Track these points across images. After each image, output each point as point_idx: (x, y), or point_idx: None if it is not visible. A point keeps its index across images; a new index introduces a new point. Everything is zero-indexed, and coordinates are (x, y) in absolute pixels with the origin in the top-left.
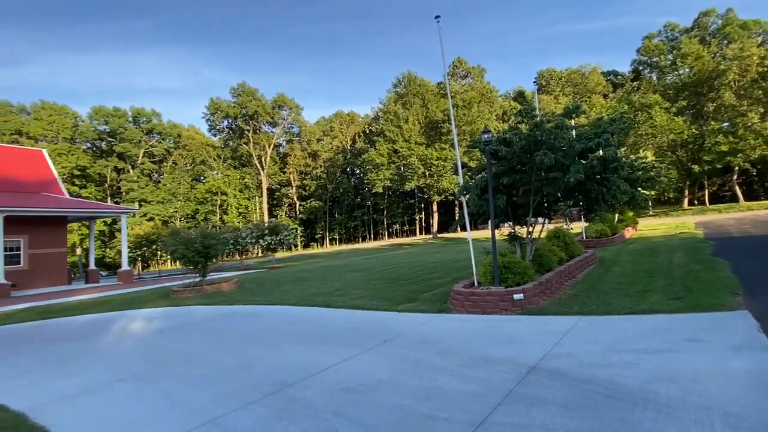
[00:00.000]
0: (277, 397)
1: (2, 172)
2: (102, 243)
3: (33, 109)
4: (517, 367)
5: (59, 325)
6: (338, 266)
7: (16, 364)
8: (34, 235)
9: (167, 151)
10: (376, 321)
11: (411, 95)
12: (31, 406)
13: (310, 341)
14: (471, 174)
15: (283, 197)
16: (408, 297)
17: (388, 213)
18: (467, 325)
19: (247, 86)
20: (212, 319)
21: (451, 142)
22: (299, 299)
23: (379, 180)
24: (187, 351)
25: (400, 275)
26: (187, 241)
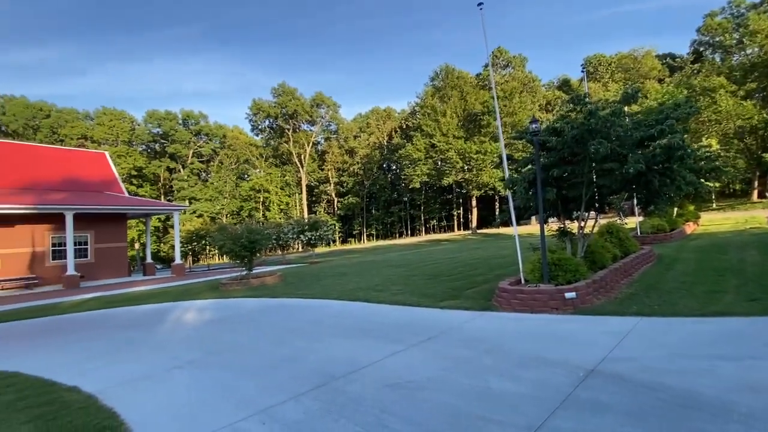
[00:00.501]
0: (325, 390)
1: (71, 173)
2: (157, 238)
3: (96, 115)
4: (574, 370)
5: (122, 314)
6: (376, 262)
7: (88, 349)
8: (99, 231)
9: (214, 151)
10: (419, 317)
11: (449, 88)
12: (100, 389)
13: (354, 335)
14: (517, 167)
15: (322, 194)
16: (450, 294)
17: (425, 209)
18: (515, 323)
19: (286, 86)
20: (258, 312)
21: (491, 135)
22: (340, 294)
23: (416, 175)
24: (237, 341)
25: (440, 271)
26: (234, 236)
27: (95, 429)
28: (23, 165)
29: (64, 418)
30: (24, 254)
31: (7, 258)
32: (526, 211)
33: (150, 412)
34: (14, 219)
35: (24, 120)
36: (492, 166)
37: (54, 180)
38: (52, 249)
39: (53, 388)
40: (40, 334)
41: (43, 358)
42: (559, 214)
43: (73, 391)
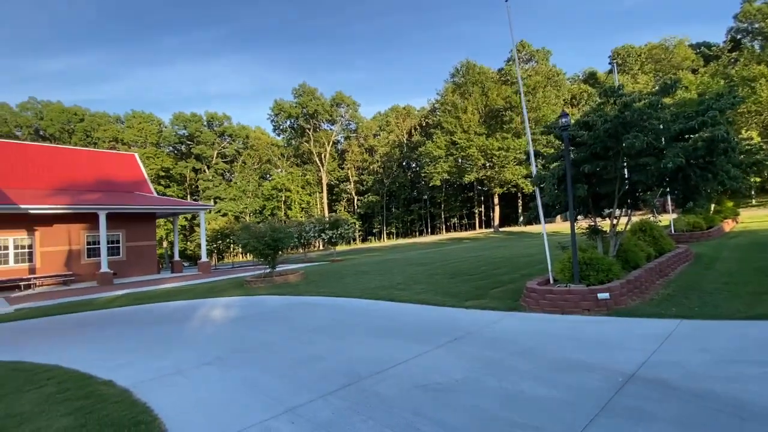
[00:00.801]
0: (353, 390)
1: (103, 175)
2: (184, 237)
3: (126, 118)
4: (612, 375)
5: (153, 310)
6: (397, 260)
7: (121, 344)
8: (130, 230)
9: (237, 151)
10: (444, 317)
11: (470, 84)
12: (133, 383)
13: (378, 334)
14: (545, 163)
15: (342, 192)
16: (474, 293)
17: (446, 206)
18: (545, 325)
19: (307, 86)
20: (283, 309)
21: (513, 131)
22: (362, 292)
23: (437, 173)
24: (263, 339)
25: (463, 270)
26: (258, 235)
27: (131, 423)
28: (59, 167)
29: (100, 411)
30: (61, 252)
31: (46, 255)
32: (554, 209)
33: (181, 408)
34: (52, 219)
35: (60, 124)
36: (515, 162)
37: (88, 181)
38: (87, 247)
39: (90, 382)
40: (78, 329)
41: (80, 352)
42: (589, 211)
43: (109, 385)
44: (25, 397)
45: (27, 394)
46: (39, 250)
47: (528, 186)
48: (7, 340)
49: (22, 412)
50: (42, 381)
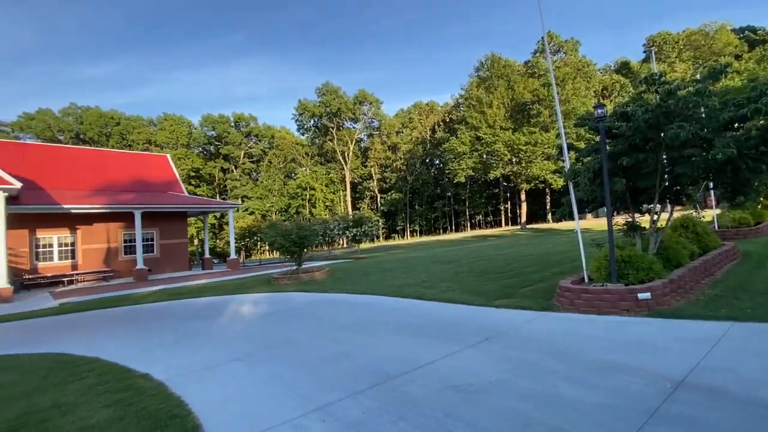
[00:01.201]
0: (382, 390)
1: (137, 175)
2: (213, 235)
3: (158, 121)
4: (658, 380)
5: (184, 306)
6: (421, 257)
7: (157, 338)
8: (163, 228)
9: (263, 151)
10: (473, 316)
11: (495, 78)
12: (168, 377)
13: (406, 333)
14: (578, 156)
15: (365, 190)
16: (503, 292)
17: (471, 203)
18: (582, 325)
19: (330, 85)
20: (309, 306)
21: (541, 124)
22: (388, 290)
23: (461, 169)
24: (290, 336)
25: (491, 268)
26: (284, 232)
27: (167, 416)
28: (98, 168)
29: (138, 404)
30: (101, 249)
31: (87, 253)
32: (588, 204)
33: (213, 403)
34: (92, 218)
35: (98, 128)
36: (543, 157)
37: (124, 181)
38: (123, 245)
39: (128, 374)
40: (116, 323)
41: (119, 345)
42: (627, 206)
43: (145, 378)
44: (69, 388)
45: (71, 385)
46: (80, 247)
47: (557, 181)
48: (53, 333)
49: (67, 403)
50: (84, 373)
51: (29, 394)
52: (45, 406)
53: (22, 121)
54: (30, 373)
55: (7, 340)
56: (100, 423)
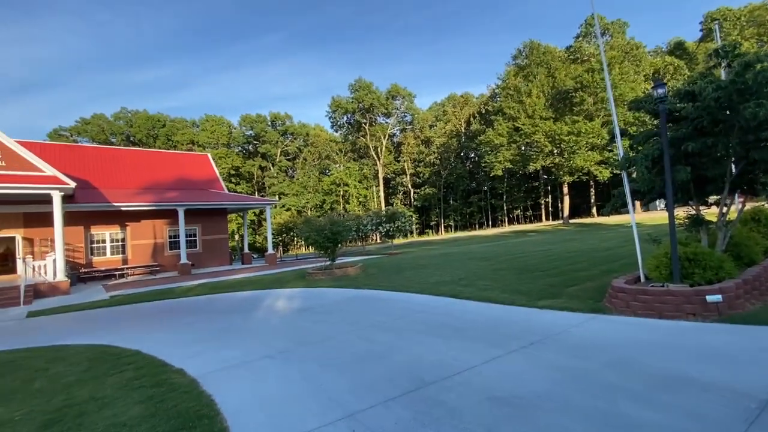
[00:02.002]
0: (417, 397)
1: (180, 174)
2: (253, 230)
3: (200, 122)
4: (739, 398)
5: (223, 300)
6: (457, 254)
7: (194, 332)
8: (205, 224)
9: (298, 149)
10: (515, 317)
11: (534, 65)
12: (201, 373)
13: (443, 334)
14: (633, 143)
15: (398, 185)
16: (548, 291)
17: (509, 197)
18: (641, 331)
19: (363, 80)
20: (343, 302)
21: (585, 113)
22: (423, 287)
23: (498, 162)
24: (323, 332)
25: (532, 266)
26: (318, 228)
27: (195, 416)
28: (144, 168)
29: (169, 401)
30: (148, 245)
31: (136, 248)
32: (644, 196)
33: (242, 403)
34: (140, 215)
35: (146, 130)
36: (587, 148)
37: (168, 180)
38: (169, 240)
39: (164, 369)
40: (159, 317)
41: (159, 339)
42: (690, 198)
43: (180, 374)
44: (108, 381)
45: (110, 378)
46: (130, 243)
47: (603, 173)
48: (102, 324)
49: (103, 397)
50: (124, 366)
51: (70, 385)
52: (83, 399)
53: (79, 126)
54: (76, 364)
55: (63, 331)
56: (131, 420)
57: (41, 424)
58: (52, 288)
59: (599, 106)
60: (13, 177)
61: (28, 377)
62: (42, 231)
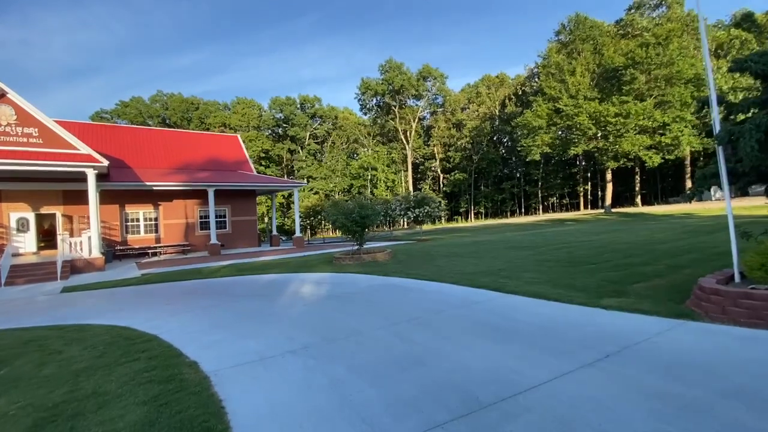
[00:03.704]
0: (473, 425)
1: (211, 155)
2: (282, 213)
3: (232, 105)
4: None
5: (249, 282)
6: (491, 242)
7: (215, 318)
8: (234, 206)
9: (327, 132)
10: (576, 318)
11: (578, 41)
12: (216, 368)
13: (491, 335)
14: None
15: (427, 170)
16: (609, 288)
17: (543, 184)
18: (755, 348)
19: (393, 61)
20: (372, 291)
21: (636, 92)
22: (459, 278)
23: (536, 146)
24: (351, 326)
25: (581, 258)
26: (346, 211)
27: (200, 428)
28: (176, 149)
29: (174, 405)
30: (180, 224)
31: (168, 227)
32: (742, 178)
33: (257, 414)
34: (172, 194)
35: (181, 113)
36: (635, 131)
37: (199, 161)
38: (199, 221)
39: (178, 361)
40: (184, 297)
41: (181, 323)
42: None
43: (193, 368)
44: (116, 372)
45: (120, 368)
46: (162, 222)
47: (653, 158)
48: (130, 303)
49: (107, 392)
50: (137, 353)
51: (79, 374)
52: (85, 393)
53: (119, 109)
54: (91, 348)
55: (90, 308)
56: (127, 428)
57: (31, 424)
58: (88, 264)
59: (652, 85)
60: (49, 154)
61: (40, 360)
62: (80, 208)
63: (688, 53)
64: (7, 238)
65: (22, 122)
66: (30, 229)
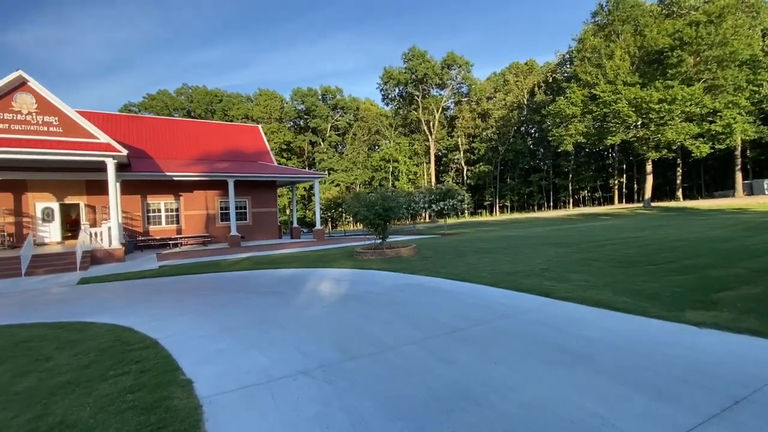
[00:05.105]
0: None
1: (231, 145)
2: (303, 206)
3: (254, 97)
4: None
5: (265, 277)
6: (522, 237)
7: (226, 319)
8: (255, 197)
9: (348, 124)
10: (662, 339)
11: (618, 22)
12: (214, 392)
13: (557, 359)
14: None
15: (450, 162)
16: (688, 297)
17: (574, 177)
18: None
19: (417, 49)
20: (398, 292)
21: (683, 76)
22: (496, 278)
23: (569, 136)
24: (378, 337)
25: (632, 257)
26: (368, 203)
27: None
28: (197, 139)
29: None
30: (200, 216)
31: (189, 218)
32: None
33: None
34: (192, 185)
35: (204, 105)
36: (681, 118)
37: (219, 151)
38: (220, 212)
39: (171, 378)
40: (197, 293)
41: (186, 325)
42: None
43: (185, 390)
44: (98, 391)
45: (102, 385)
46: (183, 213)
47: (701, 148)
48: (140, 298)
49: (76, 423)
50: (128, 364)
51: (56, 391)
52: (52, 422)
53: (146, 102)
54: (83, 354)
55: (100, 303)
56: None
57: None
58: (108, 254)
59: (701, 68)
60: (69, 143)
61: (23, 369)
62: (102, 198)
63: (742, 32)
64: (33, 228)
65: (43, 111)
66: (55, 219)
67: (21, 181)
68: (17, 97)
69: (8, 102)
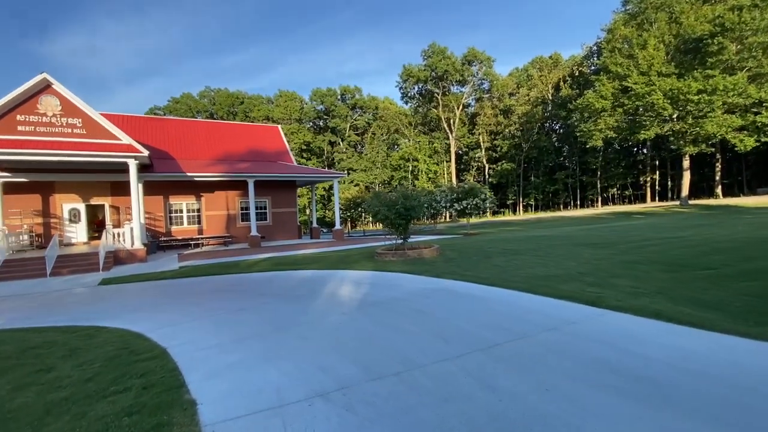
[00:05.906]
0: None
1: (251, 145)
2: (323, 206)
3: (274, 98)
4: None
5: (284, 280)
6: (551, 237)
7: (240, 326)
8: (275, 197)
9: (368, 123)
10: (750, 364)
11: (651, 10)
12: (216, 419)
13: (622, 389)
14: None
15: (471, 161)
16: (759, 308)
17: (603, 174)
18: None
19: (437, 45)
20: (423, 298)
21: (724, 64)
22: (530, 283)
23: (598, 131)
24: (402, 351)
25: (681, 258)
26: (389, 202)
27: None
28: (218, 140)
29: None
30: (221, 216)
31: (210, 219)
32: None
33: None
34: (213, 186)
35: (226, 107)
36: (723, 110)
37: (239, 152)
38: (240, 212)
39: (174, 397)
40: (214, 297)
41: (199, 333)
42: None
43: (188, 413)
44: (94, 411)
45: (100, 404)
46: (205, 213)
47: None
48: (155, 301)
49: None
50: (132, 378)
51: (50, 409)
52: None
53: (171, 105)
54: (88, 364)
55: (117, 305)
56: None
57: None
58: (130, 255)
59: (745, 55)
60: (92, 145)
61: (23, 381)
62: (126, 199)
63: None
64: (61, 229)
65: (67, 113)
66: (81, 220)
67: (49, 183)
68: (42, 99)
69: (33, 104)
